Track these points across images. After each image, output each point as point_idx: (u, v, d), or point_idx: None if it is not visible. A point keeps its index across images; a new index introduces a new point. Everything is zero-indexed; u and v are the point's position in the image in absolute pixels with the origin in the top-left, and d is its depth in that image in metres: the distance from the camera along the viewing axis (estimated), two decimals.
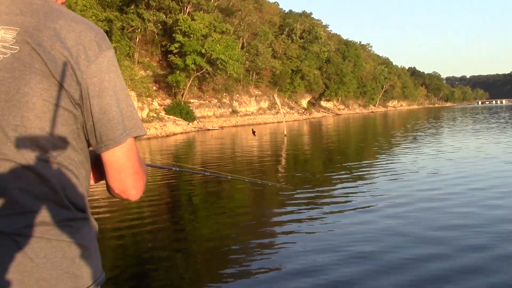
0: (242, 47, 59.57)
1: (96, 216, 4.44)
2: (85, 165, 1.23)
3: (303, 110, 73.90)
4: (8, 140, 1.11)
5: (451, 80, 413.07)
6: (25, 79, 1.11)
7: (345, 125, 46.52)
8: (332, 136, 29.69)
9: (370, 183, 10.13)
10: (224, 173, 6.42)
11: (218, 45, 44.05)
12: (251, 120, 53.82)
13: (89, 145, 1.24)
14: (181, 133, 36.68)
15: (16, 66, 1.11)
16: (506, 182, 9.68)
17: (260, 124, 51.50)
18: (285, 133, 28.67)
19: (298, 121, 60.09)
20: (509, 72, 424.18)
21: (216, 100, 52.56)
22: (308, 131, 37.29)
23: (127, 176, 1.21)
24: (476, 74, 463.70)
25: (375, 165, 13.43)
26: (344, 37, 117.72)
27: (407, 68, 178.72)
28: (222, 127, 44.43)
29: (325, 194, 9.34)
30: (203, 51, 43.21)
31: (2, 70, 1.11)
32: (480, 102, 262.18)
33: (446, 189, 9.06)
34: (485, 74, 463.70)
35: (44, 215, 1.13)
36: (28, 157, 1.11)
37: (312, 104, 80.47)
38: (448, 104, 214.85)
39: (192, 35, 43.59)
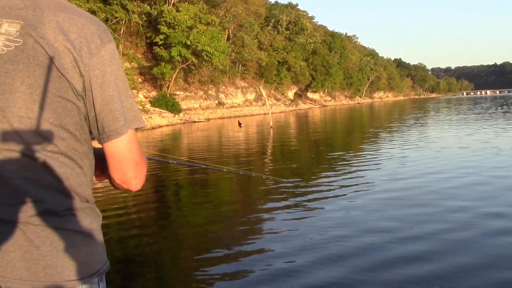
0: (228, 39, 59.31)
1: None
2: (88, 156, 1.26)
3: (290, 102, 73.96)
4: (14, 131, 1.14)
5: (436, 71, 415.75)
6: (29, 71, 1.14)
7: (332, 116, 46.69)
8: (318, 127, 29.81)
9: (355, 175, 10.24)
10: (220, 166, 6.52)
11: (203, 36, 43.76)
12: (237, 112, 53.76)
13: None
14: (167, 125, 36.53)
15: (20, 58, 1.14)
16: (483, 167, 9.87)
17: (246, 116, 51.46)
18: (271, 124, 28.69)
19: (284, 112, 60.15)
20: (493, 63, 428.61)
21: (202, 92, 52.36)
22: (294, 123, 37.39)
23: (128, 166, 1.24)
24: (461, 65, 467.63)
25: (359, 156, 13.56)
26: (330, 28, 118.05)
27: (393, 59, 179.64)
28: (208, 119, 44.34)
29: (310, 184, 9.43)
30: (188, 42, 42.90)
31: (6, 63, 1.14)
32: (465, 93, 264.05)
33: (430, 177, 9.21)
34: (470, 65, 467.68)
35: (49, 204, 1.16)
36: (33, 147, 1.14)
37: (299, 95, 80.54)
38: (434, 95, 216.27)
39: (177, 27, 43.24)
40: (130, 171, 1.24)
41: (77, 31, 1.17)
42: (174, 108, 42.28)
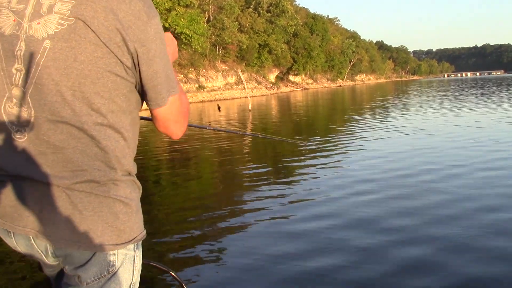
0: (208, 21, 58.51)
1: None
2: (134, 127, 1.36)
3: (271, 85, 73.58)
4: (66, 104, 1.22)
5: (418, 54, 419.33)
6: (81, 48, 1.20)
7: (313, 99, 46.42)
8: (299, 110, 29.51)
9: (335, 160, 9.92)
10: (256, 132, 6.70)
11: (182, 19, 43.14)
12: (218, 95, 53.26)
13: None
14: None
15: (73, 36, 1.20)
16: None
17: (227, 99, 50.97)
18: (250, 108, 28.36)
19: (265, 96, 59.78)
20: (473, 46, 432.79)
21: (182, 76, 51.65)
22: (276, 106, 37.02)
23: (170, 124, 1.41)
24: (443, 48, 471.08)
25: (339, 140, 13.25)
26: (312, 10, 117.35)
27: (374, 42, 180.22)
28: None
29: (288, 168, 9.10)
30: (166, 25, 42.31)
31: (60, 40, 1.21)
32: (446, 75, 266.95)
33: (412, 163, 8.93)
34: (451, 47, 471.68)
35: (93, 173, 1.26)
36: (83, 119, 1.23)
37: (280, 78, 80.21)
38: (415, 77, 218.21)
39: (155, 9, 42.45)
40: (171, 128, 1.41)
41: (125, 9, 1.22)
42: None
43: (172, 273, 2.10)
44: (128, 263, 1.35)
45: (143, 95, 1.35)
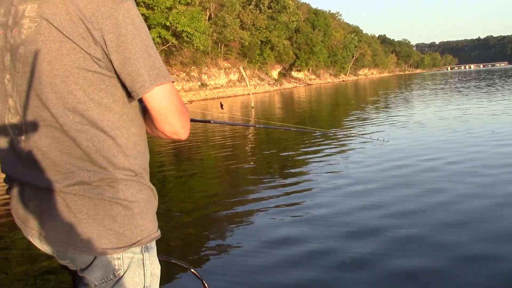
0: (209, 19, 58.46)
1: None
2: (128, 124, 1.28)
3: (274, 81, 73.45)
4: (45, 107, 1.21)
5: (421, 47, 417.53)
6: (46, 48, 1.18)
7: (317, 95, 46.29)
8: (302, 107, 29.43)
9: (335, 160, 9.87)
10: (312, 128, 6.65)
11: (183, 17, 43.07)
12: (221, 93, 53.18)
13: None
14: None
15: (38, 37, 1.19)
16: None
17: (230, 96, 50.90)
18: (252, 105, 28.31)
19: (268, 92, 59.66)
20: (477, 38, 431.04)
21: (184, 74, 51.64)
22: (278, 103, 36.93)
23: (174, 117, 1.26)
24: (445, 40, 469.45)
25: (342, 137, 13.18)
26: (313, 6, 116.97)
27: (377, 36, 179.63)
28: (191, 101, 43.67)
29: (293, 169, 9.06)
30: (168, 24, 42.25)
31: (30, 44, 1.20)
32: (449, 68, 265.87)
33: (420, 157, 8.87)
34: (454, 40, 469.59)
35: (82, 174, 1.23)
36: (62, 121, 1.20)
37: (283, 75, 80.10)
38: (418, 70, 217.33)
39: (156, 8, 42.38)
40: (176, 121, 1.27)
41: None
42: None
43: (193, 270, 2.08)
44: (136, 266, 1.31)
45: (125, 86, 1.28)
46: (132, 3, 1.23)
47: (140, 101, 1.29)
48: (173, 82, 1.30)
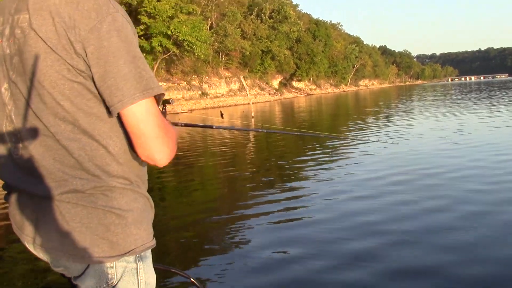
0: (211, 28, 58.69)
1: None
2: (116, 133, 1.25)
3: (274, 91, 73.59)
4: (36, 117, 1.22)
5: (421, 58, 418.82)
6: (33, 58, 1.19)
7: (317, 105, 46.32)
8: (301, 116, 29.47)
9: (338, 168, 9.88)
10: (316, 132, 6.70)
11: (184, 26, 43.24)
12: (221, 102, 53.26)
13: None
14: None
15: (26, 48, 1.20)
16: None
17: (230, 106, 50.96)
18: (252, 115, 28.37)
19: (269, 102, 59.71)
20: (477, 49, 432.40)
21: (185, 83, 51.74)
22: (278, 112, 36.97)
23: (148, 140, 1.20)
24: (446, 52, 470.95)
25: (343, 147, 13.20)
26: (315, 16, 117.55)
27: (378, 46, 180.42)
28: (191, 110, 43.67)
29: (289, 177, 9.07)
30: (169, 32, 42.36)
31: (21, 54, 1.22)
32: (450, 79, 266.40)
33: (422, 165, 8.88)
34: (455, 51, 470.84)
35: (74, 182, 1.23)
36: (53, 130, 1.21)
37: (284, 84, 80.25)
38: (419, 82, 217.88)
39: (157, 17, 42.58)
40: (151, 145, 1.21)
41: (71, 10, 1.17)
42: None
43: (193, 280, 2.06)
44: (129, 276, 1.30)
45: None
46: (118, 14, 1.21)
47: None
48: (163, 94, 1.26)
